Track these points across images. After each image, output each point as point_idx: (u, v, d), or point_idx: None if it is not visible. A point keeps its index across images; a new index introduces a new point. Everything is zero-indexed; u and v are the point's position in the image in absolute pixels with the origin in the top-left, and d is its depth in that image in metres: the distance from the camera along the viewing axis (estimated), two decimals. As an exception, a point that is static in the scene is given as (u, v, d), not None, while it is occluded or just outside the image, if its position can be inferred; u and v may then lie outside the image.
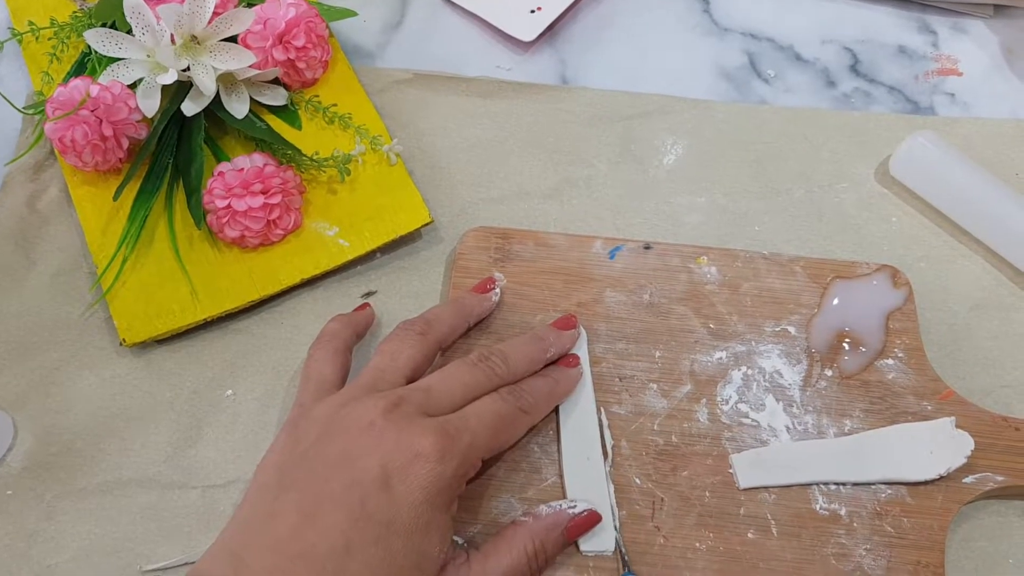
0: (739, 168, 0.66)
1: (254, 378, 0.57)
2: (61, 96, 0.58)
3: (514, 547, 0.48)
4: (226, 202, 0.58)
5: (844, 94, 0.70)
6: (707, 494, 0.52)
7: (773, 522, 0.51)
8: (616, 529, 0.51)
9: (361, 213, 0.61)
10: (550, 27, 0.71)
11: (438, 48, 0.72)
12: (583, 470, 0.52)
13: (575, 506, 0.50)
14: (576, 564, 0.50)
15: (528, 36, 0.70)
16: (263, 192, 0.58)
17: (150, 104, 0.60)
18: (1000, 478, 0.52)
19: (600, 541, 0.50)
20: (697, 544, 0.51)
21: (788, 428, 0.54)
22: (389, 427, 0.45)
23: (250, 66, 0.61)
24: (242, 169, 0.58)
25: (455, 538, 0.50)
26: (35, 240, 0.62)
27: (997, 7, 0.74)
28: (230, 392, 0.57)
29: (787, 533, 0.51)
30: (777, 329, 0.57)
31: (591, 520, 0.50)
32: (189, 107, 0.61)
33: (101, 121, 0.59)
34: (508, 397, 0.50)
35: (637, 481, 0.52)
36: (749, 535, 0.51)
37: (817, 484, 0.52)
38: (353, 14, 0.69)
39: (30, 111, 0.65)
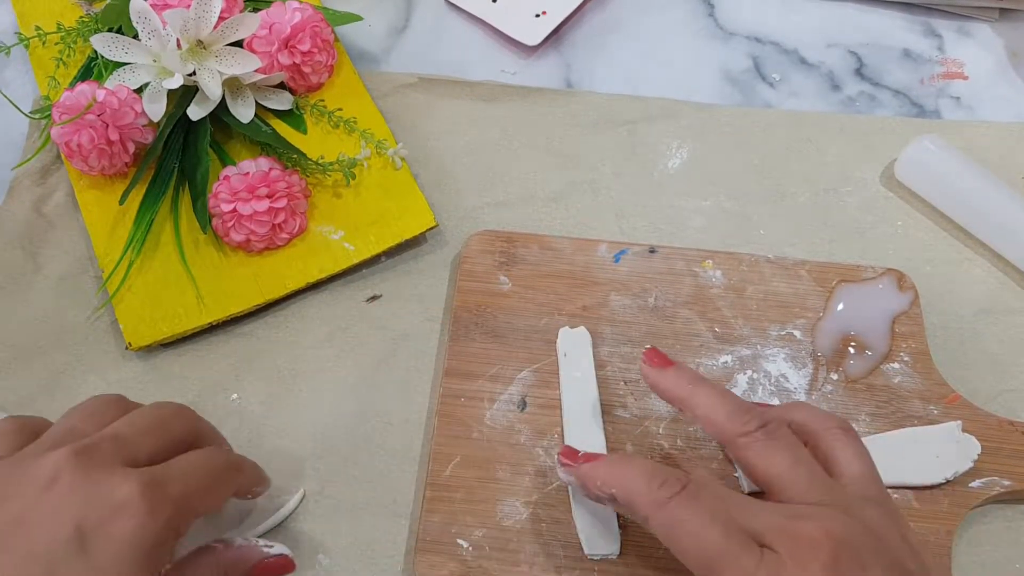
0: (744, 172, 0.66)
1: (259, 382, 0.57)
2: (67, 101, 0.58)
3: (197, 573, 0.42)
4: (231, 206, 0.58)
5: (849, 97, 0.70)
6: (713, 498, 0.52)
7: (779, 526, 0.51)
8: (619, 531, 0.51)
9: (366, 217, 0.61)
10: (555, 31, 0.71)
11: (443, 52, 0.72)
12: None
13: (272, 547, 0.45)
14: (581, 569, 0.50)
15: (533, 40, 0.70)
16: (268, 196, 0.58)
17: (156, 108, 0.60)
18: (1007, 482, 0.52)
19: (605, 544, 0.50)
20: (703, 548, 0.50)
21: (794, 432, 0.54)
22: (79, 478, 0.37)
23: (256, 70, 0.62)
24: (247, 173, 0.58)
25: (459, 540, 0.50)
26: (41, 244, 0.62)
27: (1002, 10, 0.74)
28: (235, 396, 0.57)
29: (793, 537, 0.51)
30: (782, 333, 0.57)
31: (283, 566, 0.45)
32: (195, 111, 0.61)
33: (107, 125, 0.59)
34: (218, 451, 0.45)
35: (643, 485, 0.52)
36: (755, 539, 0.51)
37: None
38: (358, 18, 0.69)
39: (37, 116, 0.65)
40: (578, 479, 0.46)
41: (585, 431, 0.53)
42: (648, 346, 0.50)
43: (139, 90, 0.61)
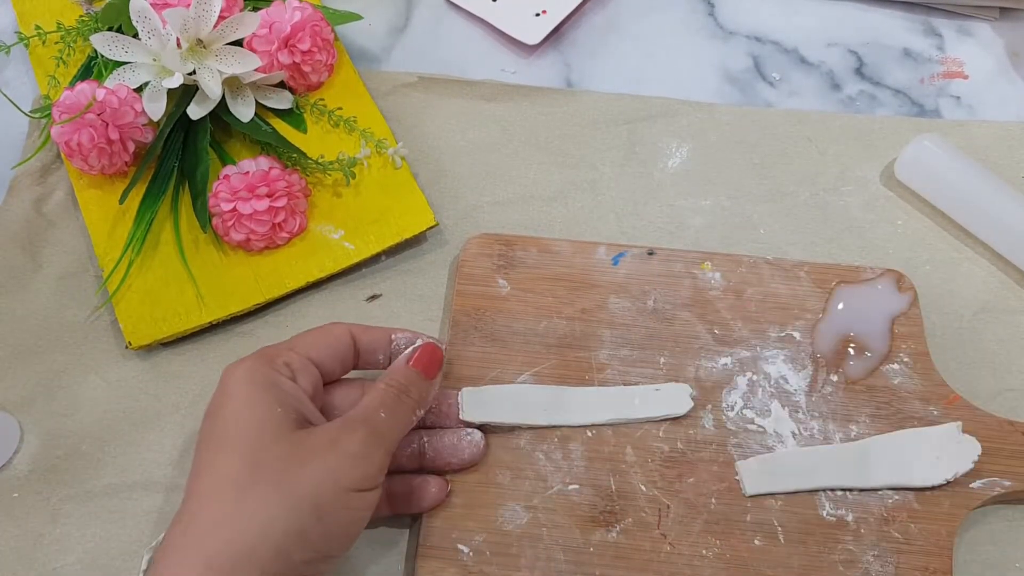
0: (744, 171, 0.66)
1: (259, 382, 0.57)
2: (67, 100, 0.58)
3: (374, 389, 0.48)
4: (232, 205, 0.58)
5: (849, 97, 0.70)
6: (713, 501, 0.52)
7: (780, 529, 0.51)
8: None
9: (366, 216, 0.61)
10: (555, 30, 0.71)
11: (443, 52, 0.72)
12: None
13: (417, 341, 0.51)
14: (582, 574, 0.50)
15: (533, 39, 0.70)
16: (268, 195, 0.58)
17: (156, 108, 0.60)
18: (1007, 483, 0.52)
19: None
20: (704, 551, 0.50)
21: (794, 434, 0.54)
22: None
23: (256, 70, 0.61)
24: (247, 172, 0.58)
25: (460, 546, 0.50)
26: (41, 243, 0.62)
27: (1003, 10, 0.74)
28: (235, 395, 0.57)
29: (794, 540, 0.51)
30: (782, 334, 0.57)
31: (428, 350, 0.50)
32: (195, 111, 0.61)
33: (107, 125, 0.59)
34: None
35: (643, 488, 0.52)
36: (756, 542, 0.51)
37: (823, 490, 0.52)
38: (358, 18, 0.69)
39: (37, 115, 0.65)
40: None
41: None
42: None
43: (139, 89, 0.61)
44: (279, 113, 0.65)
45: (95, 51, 0.61)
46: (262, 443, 0.43)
